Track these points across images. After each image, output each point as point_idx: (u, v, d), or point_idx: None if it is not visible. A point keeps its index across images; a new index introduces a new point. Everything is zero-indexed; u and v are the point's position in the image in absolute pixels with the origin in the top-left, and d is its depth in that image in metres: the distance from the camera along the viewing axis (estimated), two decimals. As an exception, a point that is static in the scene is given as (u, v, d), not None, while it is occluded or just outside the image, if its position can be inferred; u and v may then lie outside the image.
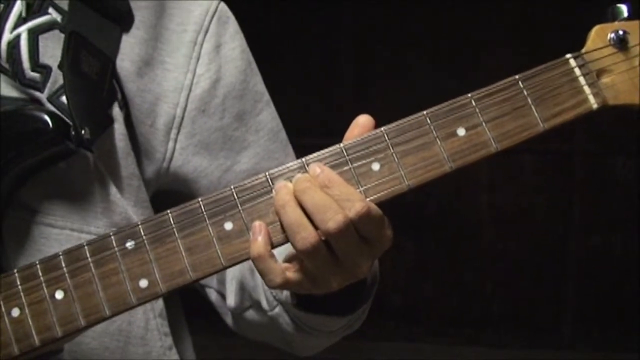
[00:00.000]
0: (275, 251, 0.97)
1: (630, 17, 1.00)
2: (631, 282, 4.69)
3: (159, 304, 1.19)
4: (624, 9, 1.00)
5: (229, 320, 1.30)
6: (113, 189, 1.14)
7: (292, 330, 1.14)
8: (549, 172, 4.91)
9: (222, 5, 1.25)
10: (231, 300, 1.23)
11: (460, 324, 5.03)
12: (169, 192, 1.20)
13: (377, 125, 0.99)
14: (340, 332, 1.15)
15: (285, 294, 1.10)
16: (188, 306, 1.33)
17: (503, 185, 4.93)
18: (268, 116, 1.26)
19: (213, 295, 1.29)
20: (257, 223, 0.95)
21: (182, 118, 1.19)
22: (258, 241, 0.95)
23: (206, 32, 1.21)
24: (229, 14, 1.25)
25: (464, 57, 4.52)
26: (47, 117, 1.05)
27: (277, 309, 1.14)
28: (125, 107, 1.16)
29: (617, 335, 4.83)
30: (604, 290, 4.90)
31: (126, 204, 1.15)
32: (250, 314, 1.22)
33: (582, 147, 4.82)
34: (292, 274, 0.96)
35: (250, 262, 1.16)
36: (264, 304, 1.16)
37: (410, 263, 5.02)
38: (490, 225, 4.95)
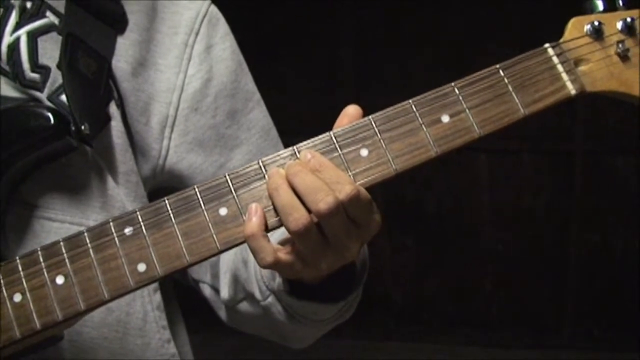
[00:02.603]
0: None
1: (606, 10, 1.04)
2: (631, 282, 4.68)
3: (157, 296, 1.21)
4: (599, 2, 1.04)
5: (222, 314, 1.32)
6: (112, 184, 1.16)
7: (285, 320, 1.16)
8: (549, 172, 4.90)
9: (212, 7, 1.28)
10: (225, 292, 1.25)
11: (460, 324, 5.01)
12: (166, 189, 1.21)
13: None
14: (331, 320, 1.16)
15: (278, 281, 1.12)
16: (182, 305, 1.35)
17: (503, 185, 4.91)
18: (259, 114, 1.29)
19: (207, 290, 1.31)
20: (253, 205, 0.98)
21: (175, 117, 1.22)
22: (252, 221, 0.97)
23: (197, 34, 1.24)
24: (219, 15, 1.28)
25: (464, 58, 4.52)
26: (48, 113, 1.07)
27: (270, 299, 1.16)
28: (122, 105, 1.18)
29: (617, 335, 4.82)
30: (604, 290, 4.89)
31: (125, 199, 1.17)
32: (244, 305, 1.24)
33: (582, 146, 4.80)
34: (283, 255, 0.99)
35: (243, 254, 1.18)
36: (257, 295, 1.17)
37: (410, 263, 5.02)
38: (490, 225, 4.94)
